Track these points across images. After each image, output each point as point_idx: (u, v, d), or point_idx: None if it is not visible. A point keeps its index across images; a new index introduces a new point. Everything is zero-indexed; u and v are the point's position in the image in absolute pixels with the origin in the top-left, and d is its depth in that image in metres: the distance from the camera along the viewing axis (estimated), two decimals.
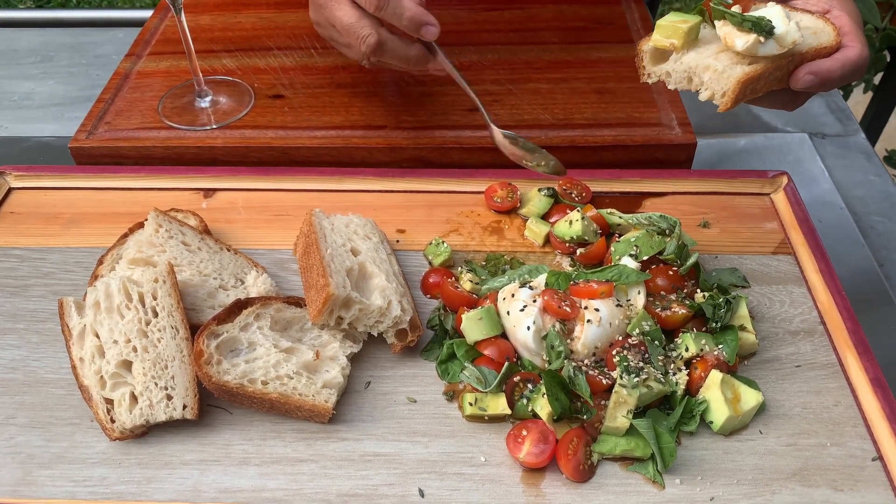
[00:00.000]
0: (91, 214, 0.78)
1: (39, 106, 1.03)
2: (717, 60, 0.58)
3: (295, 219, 0.77)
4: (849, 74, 0.61)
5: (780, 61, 0.58)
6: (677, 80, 0.60)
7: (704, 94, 0.59)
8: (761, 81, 0.58)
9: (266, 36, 0.99)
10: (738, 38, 0.56)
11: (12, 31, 1.18)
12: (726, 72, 0.57)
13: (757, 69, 0.57)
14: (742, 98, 0.58)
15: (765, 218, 0.76)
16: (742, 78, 0.56)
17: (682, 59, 0.59)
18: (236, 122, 0.85)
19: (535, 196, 0.76)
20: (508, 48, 0.96)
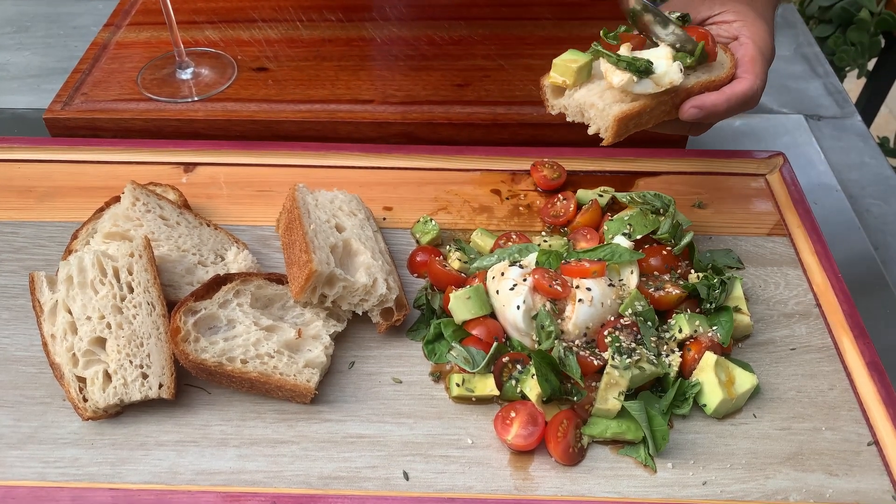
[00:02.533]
0: (66, 188, 0.75)
1: (14, 77, 0.99)
2: (601, 98, 0.60)
3: (278, 195, 0.74)
4: (735, 107, 0.61)
5: (663, 97, 0.59)
6: (572, 113, 0.62)
7: (591, 129, 0.61)
8: (644, 117, 0.60)
9: (250, 7, 0.96)
10: (614, 76, 0.58)
11: None
12: (606, 109, 0.59)
13: (634, 107, 0.58)
14: (624, 132, 0.60)
15: (760, 199, 0.75)
16: (619, 115, 0.58)
17: (573, 95, 0.61)
18: (218, 94, 0.82)
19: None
20: (500, 23, 0.93)
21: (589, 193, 0.73)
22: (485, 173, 0.78)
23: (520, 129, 0.80)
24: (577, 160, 0.78)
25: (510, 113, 0.80)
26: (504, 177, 0.77)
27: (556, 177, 0.76)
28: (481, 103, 0.82)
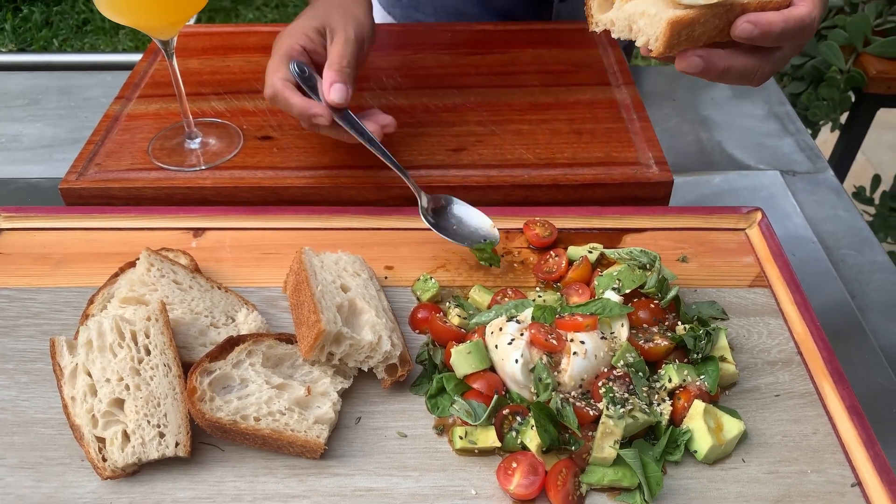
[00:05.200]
0: (81, 254, 0.79)
1: (28, 148, 1.04)
2: (653, 6, 0.58)
3: (284, 257, 0.78)
4: (792, 31, 0.60)
5: (717, 9, 0.58)
6: (620, 28, 0.61)
7: (641, 39, 0.60)
8: (697, 28, 0.58)
9: (254, 79, 1.01)
10: None
11: (1, 75, 1.20)
12: (658, 14, 0.58)
13: (689, 13, 0.57)
14: (676, 43, 0.58)
15: (741, 252, 0.79)
16: (672, 19, 0.57)
17: (624, 7, 0.60)
18: (225, 162, 0.87)
19: None
20: (491, 91, 0.99)
21: (579, 250, 0.77)
22: None
23: (512, 191, 0.84)
24: (566, 218, 0.82)
25: (503, 175, 0.85)
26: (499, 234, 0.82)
27: (548, 234, 0.80)
28: (475, 167, 0.86)
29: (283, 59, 0.78)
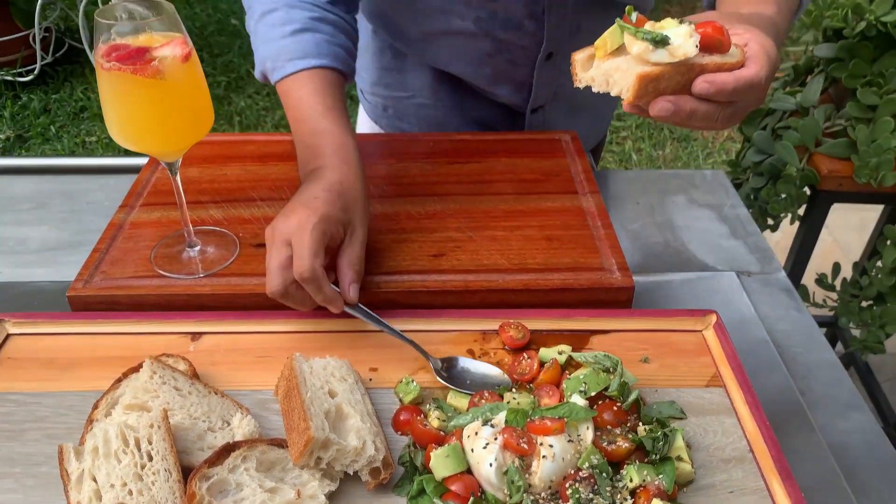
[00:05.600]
0: (86, 359, 0.84)
1: (34, 251, 1.10)
2: (626, 63, 0.69)
3: (275, 360, 0.84)
4: (742, 89, 0.70)
5: (680, 68, 0.69)
6: (598, 83, 0.72)
7: (615, 90, 0.70)
8: (662, 82, 0.69)
9: (250, 187, 1.10)
10: (634, 46, 0.68)
11: (8, 178, 1.27)
12: (629, 69, 0.68)
13: (655, 70, 0.68)
14: (644, 94, 0.69)
15: (698, 353, 0.86)
16: (641, 74, 0.67)
17: (601, 65, 0.71)
18: (222, 270, 0.94)
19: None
20: (468, 198, 1.08)
21: (550, 352, 0.83)
22: (459, 334, 0.88)
23: (488, 295, 0.91)
24: (538, 320, 0.89)
25: (479, 280, 0.92)
26: (476, 336, 0.88)
27: (521, 336, 0.86)
28: (454, 272, 0.94)
29: (321, 245, 0.80)
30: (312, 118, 0.93)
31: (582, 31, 1.15)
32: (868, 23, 1.42)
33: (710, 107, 0.72)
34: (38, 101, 3.46)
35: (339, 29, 1.00)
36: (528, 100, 1.26)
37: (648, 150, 3.23)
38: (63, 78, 3.66)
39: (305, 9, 0.97)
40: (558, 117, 1.32)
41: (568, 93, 1.27)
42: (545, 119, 1.31)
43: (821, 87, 1.55)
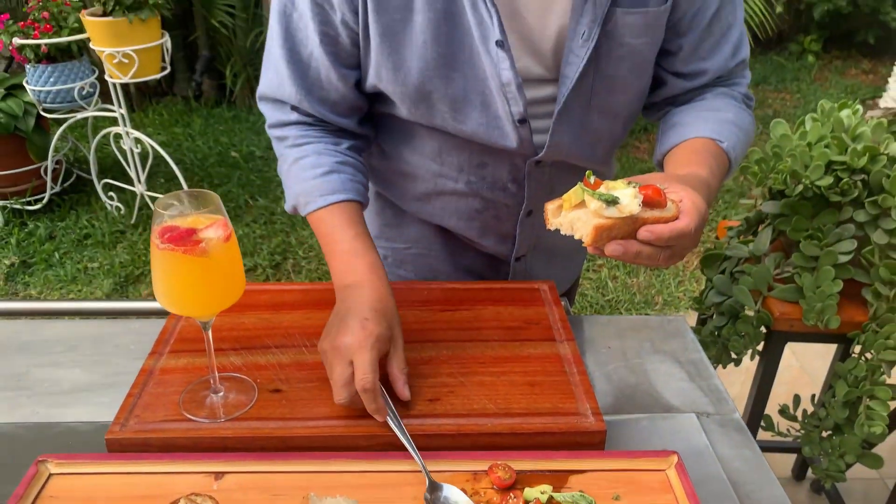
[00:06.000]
0: (122, 497, 0.95)
1: (67, 392, 1.22)
2: (585, 216, 0.89)
3: (292, 498, 0.95)
4: (675, 237, 0.88)
5: (627, 220, 0.88)
6: (565, 228, 0.91)
7: (577, 235, 0.89)
8: (614, 231, 0.88)
9: (265, 335, 1.23)
10: (591, 203, 0.88)
11: (40, 322, 1.40)
12: (588, 221, 0.88)
13: (607, 222, 0.87)
14: (600, 239, 0.88)
15: (662, 491, 0.98)
16: (596, 224, 0.87)
17: (567, 215, 0.91)
18: (243, 414, 1.06)
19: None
20: (459, 345, 1.22)
21: (533, 492, 0.95)
22: (452, 474, 1.00)
23: (479, 438, 1.04)
24: (523, 461, 1.01)
25: (470, 424, 1.05)
26: (468, 476, 1.00)
27: (508, 477, 0.98)
28: (448, 416, 1.07)
29: (377, 361, 1.00)
30: (345, 241, 1.13)
31: (556, 192, 1.34)
32: (805, 186, 1.64)
33: (651, 249, 0.91)
34: (44, 229, 3.64)
35: (357, 170, 1.21)
36: (512, 250, 1.44)
37: (623, 278, 3.43)
38: (69, 206, 3.85)
39: (331, 155, 1.18)
40: (538, 264, 1.50)
41: (546, 243, 1.45)
42: (527, 266, 1.48)
43: (770, 238, 1.75)
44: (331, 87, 1.15)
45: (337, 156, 1.18)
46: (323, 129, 1.20)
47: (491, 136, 1.18)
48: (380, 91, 1.17)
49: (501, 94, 1.12)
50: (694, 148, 1.17)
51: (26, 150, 3.63)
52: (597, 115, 1.22)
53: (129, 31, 2.90)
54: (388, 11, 1.04)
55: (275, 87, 1.16)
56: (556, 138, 1.20)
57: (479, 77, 1.11)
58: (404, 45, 1.07)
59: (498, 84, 1.11)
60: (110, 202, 3.78)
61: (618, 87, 1.19)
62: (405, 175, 1.35)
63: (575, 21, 1.07)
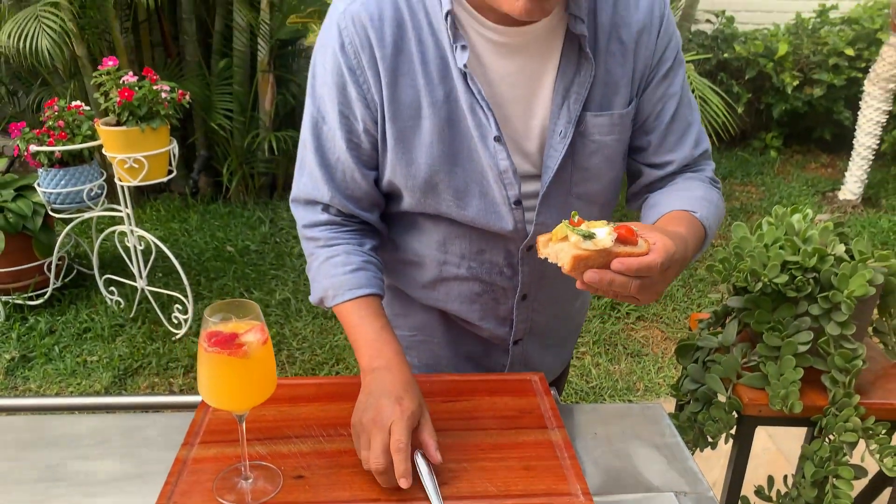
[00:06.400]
0: None
1: (101, 482, 1.33)
2: (567, 247, 1.05)
3: None
4: (644, 271, 1.03)
5: (602, 253, 1.04)
6: (551, 257, 1.08)
7: (560, 263, 1.06)
8: (591, 262, 1.04)
9: (286, 426, 1.37)
10: (571, 237, 1.04)
11: (71, 418, 1.52)
12: (568, 252, 1.04)
13: (583, 253, 1.04)
14: (577, 267, 1.04)
15: None
16: (574, 255, 1.03)
17: (554, 246, 1.08)
18: (271, 499, 1.18)
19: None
20: (461, 433, 1.36)
21: None
22: None
23: None
24: None
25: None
26: None
27: None
28: (454, 498, 1.19)
29: (411, 430, 1.18)
30: (373, 330, 1.31)
31: (546, 277, 1.52)
32: (764, 283, 1.84)
33: (623, 279, 1.04)
34: (44, 323, 3.74)
35: (378, 269, 1.40)
36: (510, 333, 1.60)
37: (606, 365, 3.58)
38: (69, 301, 3.97)
39: (357, 255, 1.37)
40: (534, 350, 1.66)
41: (540, 328, 1.63)
42: (524, 350, 1.63)
43: (736, 330, 1.93)
44: (355, 185, 1.35)
45: (363, 255, 1.38)
46: (350, 230, 1.39)
47: (489, 220, 1.35)
48: (394, 188, 1.35)
49: (499, 182, 1.31)
50: (671, 217, 1.37)
51: (31, 248, 3.78)
52: (576, 202, 1.40)
53: (140, 138, 3.12)
54: (402, 119, 1.25)
55: (309, 190, 1.36)
56: (541, 219, 1.38)
57: (479, 169, 1.30)
58: (415, 145, 1.27)
59: (496, 173, 1.30)
60: (110, 296, 3.90)
61: (592, 176, 1.38)
62: (413, 264, 1.50)
63: (553, 123, 1.28)
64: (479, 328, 1.60)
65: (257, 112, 5.18)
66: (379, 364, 1.26)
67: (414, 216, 1.41)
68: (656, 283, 1.07)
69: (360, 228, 1.41)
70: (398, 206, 1.41)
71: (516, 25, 1.22)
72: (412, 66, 1.22)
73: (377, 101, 1.24)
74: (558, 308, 1.65)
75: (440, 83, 1.23)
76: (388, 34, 1.20)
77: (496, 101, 1.26)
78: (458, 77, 1.23)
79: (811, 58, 6.33)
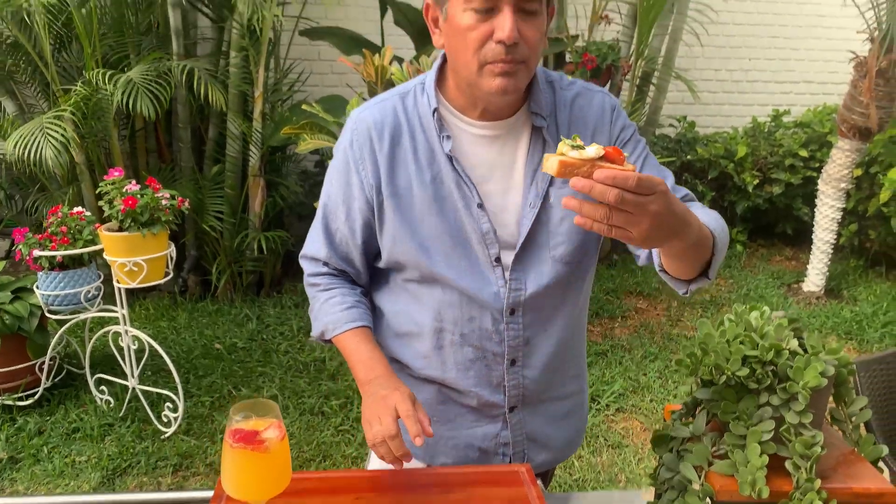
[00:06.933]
0: None
1: None
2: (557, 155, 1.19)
3: None
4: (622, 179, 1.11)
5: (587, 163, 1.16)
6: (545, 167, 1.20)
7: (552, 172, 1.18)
8: (576, 169, 1.16)
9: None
10: (563, 147, 1.19)
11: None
12: (556, 158, 1.17)
13: (570, 160, 1.17)
14: (565, 174, 1.15)
15: None
16: (561, 160, 1.17)
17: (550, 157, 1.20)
18: None
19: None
20: None
21: None
22: None
23: None
24: None
25: None
26: None
27: None
28: None
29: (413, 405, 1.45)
30: (366, 352, 1.59)
31: (530, 344, 1.68)
32: (727, 376, 2.01)
33: (601, 187, 1.10)
34: (33, 424, 3.76)
35: (368, 308, 1.69)
36: (504, 400, 1.73)
37: (588, 457, 3.68)
38: (59, 400, 4.01)
39: (351, 295, 1.67)
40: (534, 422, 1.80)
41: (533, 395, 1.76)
42: (522, 420, 1.77)
43: (705, 420, 2.09)
44: (348, 249, 1.66)
45: (355, 296, 1.68)
46: (343, 280, 1.70)
47: (474, 280, 1.56)
48: (395, 256, 1.58)
49: (482, 243, 1.55)
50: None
51: (25, 349, 3.85)
52: (550, 264, 1.59)
53: (141, 243, 3.29)
54: (399, 196, 1.55)
55: (314, 249, 1.68)
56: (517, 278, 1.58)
57: (464, 234, 1.55)
58: (410, 217, 1.55)
59: (479, 235, 1.55)
60: (101, 395, 3.96)
61: (564, 240, 1.58)
62: (414, 336, 1.68)
63: (524, 197, 1.55)
64: (474, 396, 1.73)
65: (247, 214, 5.40)
66: (374, 375, 1.53)
67: (413, 287, 1.63)
68: (640, 215, 1.12)
69: (351, 279, 1.72)
70: (400, 276, 1.64)
71: (492, 120, 1.52)
72: (406, 156, 1.53)
73: (374, 186, 1.55)
74: (550, 375, 1.77)
75: (428, 167, 1.53)
76: (386, 135, 1.53)
77: (477, 180, 1.53)
78: (445, 162, 1.52)
79: (769, 158, 6.78)
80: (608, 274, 6.18)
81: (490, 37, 1.36)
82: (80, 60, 4.95)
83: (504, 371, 1.68)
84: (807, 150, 6.70)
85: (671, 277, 1.58)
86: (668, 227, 1.19)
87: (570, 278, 1.66)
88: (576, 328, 1.77)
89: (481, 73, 1.40)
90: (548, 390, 1.80)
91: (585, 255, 1.69)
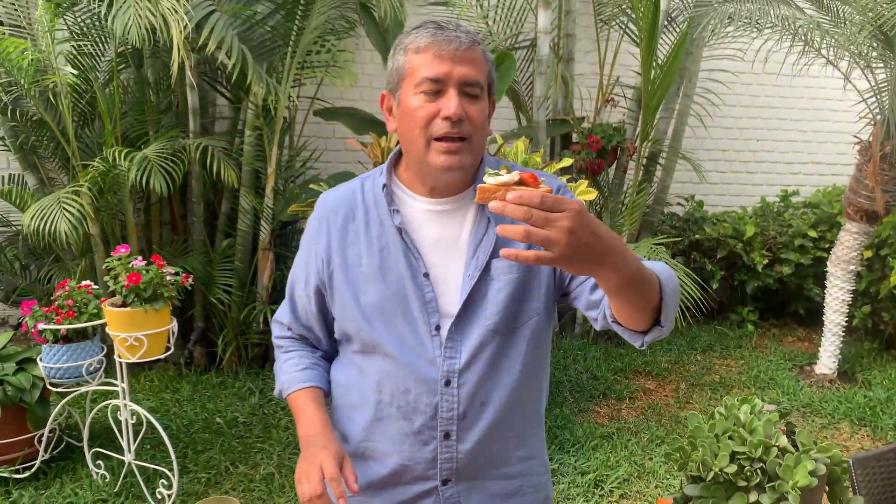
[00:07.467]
0: None
1: None
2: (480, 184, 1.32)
3: None
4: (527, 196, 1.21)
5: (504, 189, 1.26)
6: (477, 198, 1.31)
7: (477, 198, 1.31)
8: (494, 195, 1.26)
9: None
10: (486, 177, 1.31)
11: None
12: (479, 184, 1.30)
13: (488, 185, 1.29)
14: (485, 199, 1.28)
15: None
16: (480, 186, 1.30)
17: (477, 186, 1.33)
18: None
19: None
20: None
21: None
22: None
23: None
24: None
25: None
26: None
27: None
28: None
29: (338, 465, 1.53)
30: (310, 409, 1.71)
31: (468, 418, 1.67)
32: (715, 472, 1.98)
33: (512, 206, 1.21)
34: (28, 498, 3.73)
35: (325, 370, 1.84)
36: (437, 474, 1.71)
37: None
38: (55, 474, 3.98)
39: (308, 358, 1.82)
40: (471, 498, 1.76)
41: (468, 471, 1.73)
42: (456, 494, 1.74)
43: None
44: (307, 316, 1.83)
45: (313, 359, 1.84)
46: (303, 343, 1.86)
47: (413, 349, 1.64)
48: (343, 326, 1.72)
49: (423, 311, 1.65)
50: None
51: (24, 420, 3.86)
52: (485, 334, 1.65)
53: (143, 318, 3.34)
54: (348, 266, 1.69)
55: (281, 315, 1.86)
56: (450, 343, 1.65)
57: (406, 302, 1.65)
58: (358, 286, 1.68)
59: (422, 303, 1.65)
60: (97, 470, 3.94)
61: (501, 309, 1.64)
62: (357, 407, 1.75)
63: (466, 268, 1.65)
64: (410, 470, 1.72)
65: (255, 286, 5.46)
66: (312, 432, 1.64)
67: (358, 359, 1.72)
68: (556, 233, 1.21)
69: (312, 344, 1.86)
70: (350, 347, 1.75)
71: (438, 198, 1.65)
72: (358, 230, 1.70)
73: (325, 259, 1.72)
74: (488, 452, 1.74)
75: (377, 239, 1.67)
76: (341, 212, 1.72)
77: (424, 251, 1.66)
78: (394, 234, 1.66)
79: (778, 238, 6.77)
80: (616, 353, 6.11)
81: (437, 115, 1.53)
82: (102, 137, 5.14)
83: (438, 444, 1.70)
84: (816, 230, 6.69)
85: (624, 328, 1.56)
86: (590, 249, 1.23)
87: (506, 349, 1.69)
88: (519, 406, 1.75)
89: (429, 149, 1.55)
90: (487, 467, 1.77)
91: (523, 321, 1.68)
